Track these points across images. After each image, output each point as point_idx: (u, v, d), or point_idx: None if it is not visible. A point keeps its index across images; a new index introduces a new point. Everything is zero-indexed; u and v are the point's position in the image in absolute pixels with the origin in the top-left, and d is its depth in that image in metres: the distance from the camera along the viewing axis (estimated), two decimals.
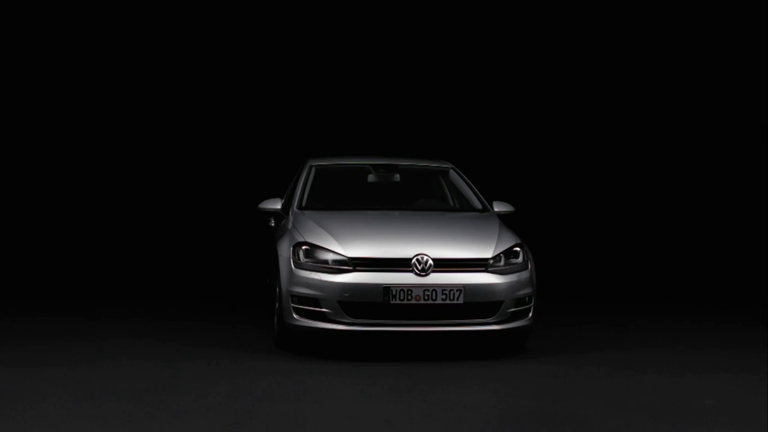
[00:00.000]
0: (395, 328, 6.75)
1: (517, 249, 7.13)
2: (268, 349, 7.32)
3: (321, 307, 6.77)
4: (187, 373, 6.41)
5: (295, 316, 6.90)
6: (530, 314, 7.09)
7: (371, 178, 8.55)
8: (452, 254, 6.87)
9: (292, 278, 6.91)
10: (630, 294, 11.40)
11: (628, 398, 5.75)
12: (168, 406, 5.50)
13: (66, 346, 7.43)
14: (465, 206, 8.26)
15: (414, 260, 6.74)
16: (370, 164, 8.65)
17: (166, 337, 7.84)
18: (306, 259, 6.93)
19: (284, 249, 7.16)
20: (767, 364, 6.86)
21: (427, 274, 6.72)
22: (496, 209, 7.95)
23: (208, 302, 10.02)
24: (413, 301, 6.66)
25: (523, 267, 7.07)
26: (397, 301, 6.65)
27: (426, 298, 6.66)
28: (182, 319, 8.81)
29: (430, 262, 6.74)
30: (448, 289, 6.68)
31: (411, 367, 6.71)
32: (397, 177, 8.52)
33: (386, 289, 6.66)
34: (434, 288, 6.67)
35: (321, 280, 6.78)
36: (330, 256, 6.86)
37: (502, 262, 6.95)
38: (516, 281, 6.93)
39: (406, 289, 6.66)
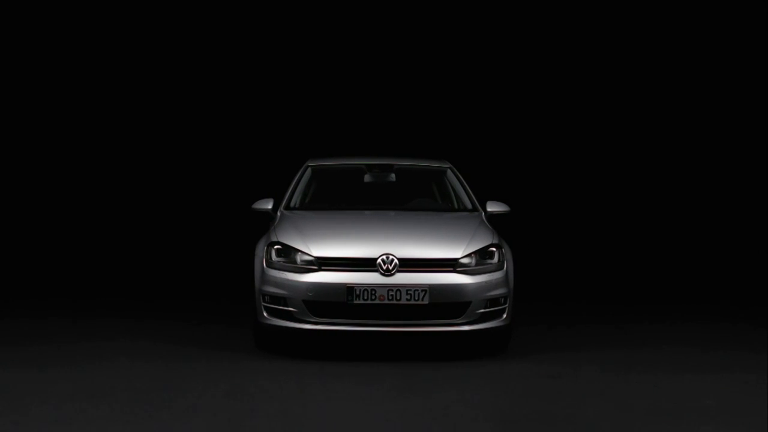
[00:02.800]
0: (359, 327, 6.74)
1: (493, 249, 7.04)
2: (267, 349, 7.32)
3: (288, 306, 6.83)
4: (186, 373, 6.41)
5: (265, 314, 6.98)
6: (505, 315, 7.00)
7: (367, 178, 8.57)
8: (419, 254, 6.82)
9: (264, 277, 6.99)
10: (630, 294, 11.40)
11: (628, 398, 5.75)
12: (167, 406, 5.49)
13: (65, 347, 7.43)
14: (458, 206, 8.24)
15: (379, 260, 6.74)
16: (366, 164, 8.65)
17: (164, 338, 7.84)
18: (277, 259, 6.99)
19: (260, 248, 7.26)
20: (767, 364, 6.86)
21: (392, 274, 6.70)
22: (489, 209, 7.91)
23: (208, 302, 10.02)
24: (377, 301, 6.64)
25: (497, 267, 6.99)
26: (361, 301, 6.65)
27: (390, 298, 6.64)
28: (181, 319, 8.82)
29: (396, 262, 6.73)
30: (413, 289, 6.65)
31: (411, 367, 6.71)
32: (393, 177, 8.53)
33: (350, 289, 6.67)
34: (398, 288, 6.64)
35: (288, 280, 6.83)
36: (299, 256, 6.91)
37: (473, 263, 6.88)
38: (487, 281, 6.86)
39: (370, 289, 6.65)
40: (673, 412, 5.39)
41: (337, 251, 6.85)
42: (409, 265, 6.74)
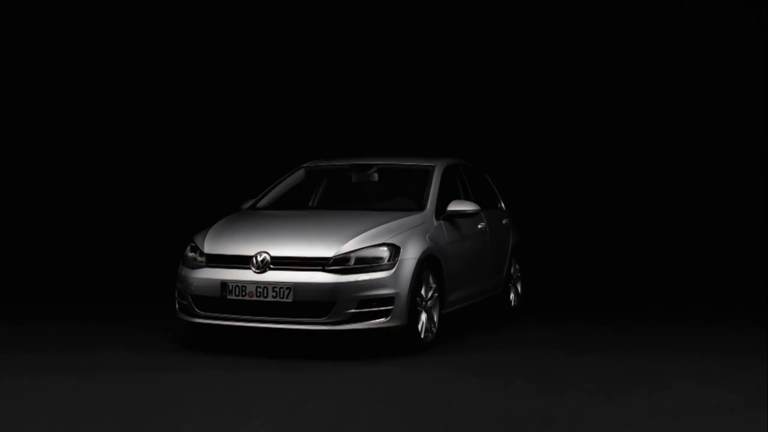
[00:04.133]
0: (230, 322, 7.00)
1: (383, 248, 7.02)
2: (267, 349, 7.33)
3: (184, 300, 7.27)
4: (186, 374, 6.42)
5: (177, 308, 7.42)
6: (389, 316, 6.93)
7: (354, 178, 8.72)
8: (291, 253, 6.95)
9: (178, 274, 7.38)
10: (630, 296, 11.40)
11: (628, 398, 5.75)
12: (167, 406, 5.50)
13: (65, 348, 7.45)
14: (420, 205, 8.02)
15: (254, 258, 6.90)
16: (351, 165, 8.82)
17: (164, 338, 7.88)
18: (189, 255, 7.35)
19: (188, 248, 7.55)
20: (767, 366, 6.86)
21: (263, 272, 6.86)
22: (450, 208, 7.92)
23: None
24: (247, 297, 6.85)
25: (387, 267, 6.96)
26: (233, 297, 6.90)
27: (258, 294, 6.84)
28: (179, 319, 8.80)
29: (268, 259, 6.89)
30: (279, 287, 6.81)
31: (411, 367, 6.72)
32: (376, 177, 8.62)
33: (224, 285, 6.94)
34: (266, 285, 6.83)
35: (184, 276, 7.26)
36: (197, 254, 7.28)
37: (350, 262, 6.90)
38: (364, 281, 6.85)
39: (241, 286, 6.88)
40: (673, 412, 5.39)
41: (220, 249, 7.17)
42: (281, 263, 6.91)
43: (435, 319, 7.49)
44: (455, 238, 8.01)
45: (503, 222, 9.61)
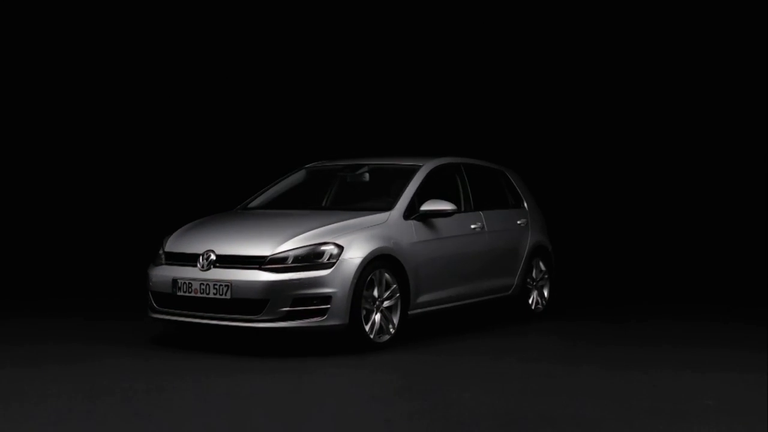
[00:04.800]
0: (179, 318, 7.28)
1: (322, 248, 7.09)
2: (267, 349, 7.33)
3: (149, 296, 7.56)
4: (185, 374, 6.41)
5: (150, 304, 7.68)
6: (326, 315, 6.97)
7: (348, 178, 8.82)
8: (233, 251, 7.16)
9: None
10: (629, 293, 11.40)
11: (628, 398, 5.75)
12: (167, 406, 5.50)
13: (64, 346, 7.45)
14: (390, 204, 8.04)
15: (201, 256, 7.18)
16: (344, 165, 8.94)
17: (163, 338, 7.88)
18: (159, 253, 7.66)
19: None
20: (767, 364, 6.86)
21: (207, 270, 7.09)
22: (423, 208, 7.90)
23: None
24: (193, 294, 7.11)
25: (325, 266, 7.02)
26: (182, 293, 7.18)
27: (202, 291, 7.08)
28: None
29: (213, 258, 7.12)
30: (218, 284, 7.03)
31: (411, 367, 6.73)
32: (367, 177, 8.68)
33: (174, 282, 7.22)
34: (208, 282, 7.06)
35: (147, 273, 7.60)
36: (161, 251, 7.63)
37: (288, 261, 6.99)
38: (298, 279, 6.94)
39: (188, 283, 7.15)
40: (673, 412, 5.39)
41: (176, 247, 7.50)
42: (225, 261, 7.13)
43: (395, 320, 7.47)
44: (429, 237, 7.95)
45: (518, 222, 9.43)
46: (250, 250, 7.10)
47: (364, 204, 8.29)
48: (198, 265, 7.18)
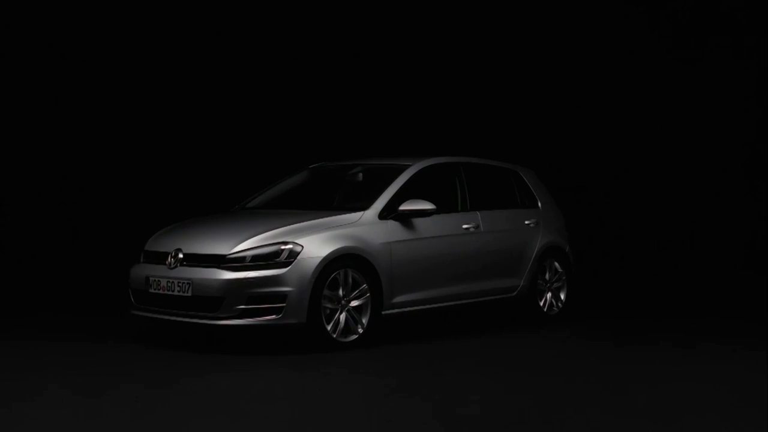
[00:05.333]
0: (151, 314, 7.51)
1: (279, 247, 7.17)
2: (267, 349, 7.34)
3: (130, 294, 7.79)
4: (186, 374, 6.42)
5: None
6: (281, 313, 7.04)
7: (346, 178, 8.89)
8: (198, 250, 7.33)
9: None
10: (629, 292, 11.39)
11: (628, 398, 5.75)
12: (167, 406, 5.50)
13: (65, 345, 7.46)
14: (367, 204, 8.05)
15: (170, 255, 7.39)
16: (340, 165, 9.05)
17: (163, 338, 7.88)
18: (143, 252, 7.85)
19: None
20: (767, 364, 6.86)
21: (174, 268, 7.31)
22: (401, 208, 7.88)
23: None
24: (161, 291, 7.34)
25: (281, 265, 7.10)
26: (153, 290, 7.41)
27: (168, 289, 7.30)
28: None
29: (181, 256, 7.33)
30: (182, 282, 7.22)
31: (411, 367, 6.74)
32: (361, 177, 8.75)
33: (147, 279, 7.46)
34: (173, 280, 7.26)
35: (130, 271, 7.79)
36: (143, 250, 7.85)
37: (246, 259, 7.12)
38: (254, 278, 7.04)
39: (157, 280, 7.38)
40: (673, 412, 5.39)
41: (152, 246, 7.75)
42: (191, 260, 7.31)
43: (364, 320, 7.47)
44: (408, 237, 7.91)
45: (525, 222, 9.27)
46: (212, 249, 7.26)
47: (344, 204, 8.38)
48: (166, 263, 7.38)
